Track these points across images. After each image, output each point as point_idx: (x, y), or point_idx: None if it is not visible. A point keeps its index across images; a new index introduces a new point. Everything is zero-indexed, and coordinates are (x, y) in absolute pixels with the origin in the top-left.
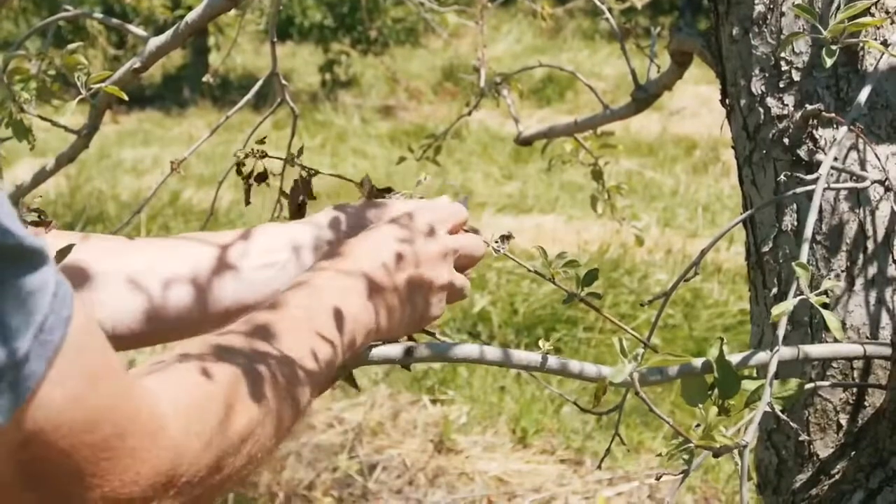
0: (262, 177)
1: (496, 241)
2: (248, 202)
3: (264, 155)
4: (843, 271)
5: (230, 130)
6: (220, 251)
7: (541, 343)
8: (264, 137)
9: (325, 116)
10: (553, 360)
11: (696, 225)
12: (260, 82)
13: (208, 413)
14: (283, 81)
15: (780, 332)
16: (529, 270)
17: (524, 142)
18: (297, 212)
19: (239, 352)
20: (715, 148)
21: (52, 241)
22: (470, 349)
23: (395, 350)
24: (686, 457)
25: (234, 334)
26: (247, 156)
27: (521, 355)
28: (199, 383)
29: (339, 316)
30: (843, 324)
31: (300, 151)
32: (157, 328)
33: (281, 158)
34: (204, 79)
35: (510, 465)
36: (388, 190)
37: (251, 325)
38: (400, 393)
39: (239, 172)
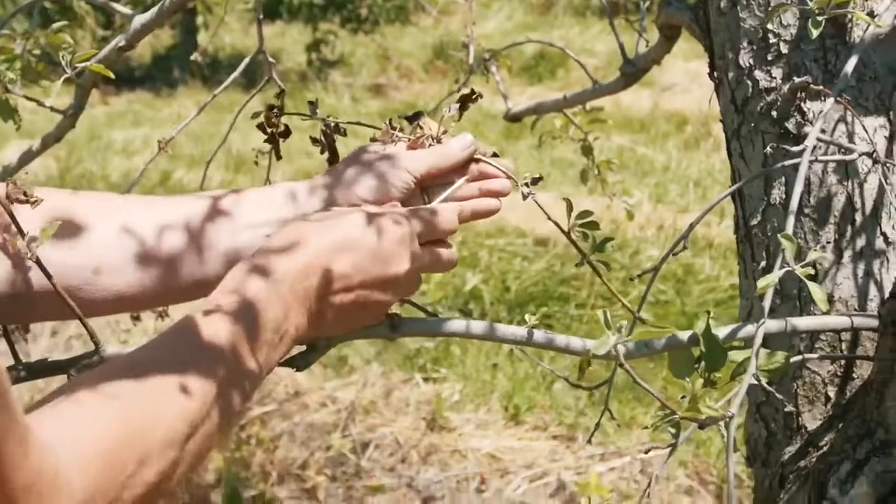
0: (287, 132)
1: (525, 184)
2: (279, 156)
3: (281, 111)
4: (831, 243)
5: (220, 110)
6: (213, 200)
7: (527, 317)
8: (257, 113)
9: (314, 96)
10: (539, 335)
11: (688, 200)
12: (246, 61)
13: (114, 466)
14: (271, 59)
15: (766, 305)
16: (548, 218)
17: (513, 118)
18: (331, 162)
19: (143, 387)
20: (706, 123)
21: (43, 195)
22: (456, 324)
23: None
24: (673, 429)
25: (137, 360)
26: (268, 109)
27: (506, 329)
28: (102, 430)
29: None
30: (831, 296)
31: (279, 95)
32: (154, 279)
33: (300, 114)
34: (192, 58)
35: (502, 441)
36: (418, 115)
37: (145, 354)
38: (392, 371)
39: (263, 130)
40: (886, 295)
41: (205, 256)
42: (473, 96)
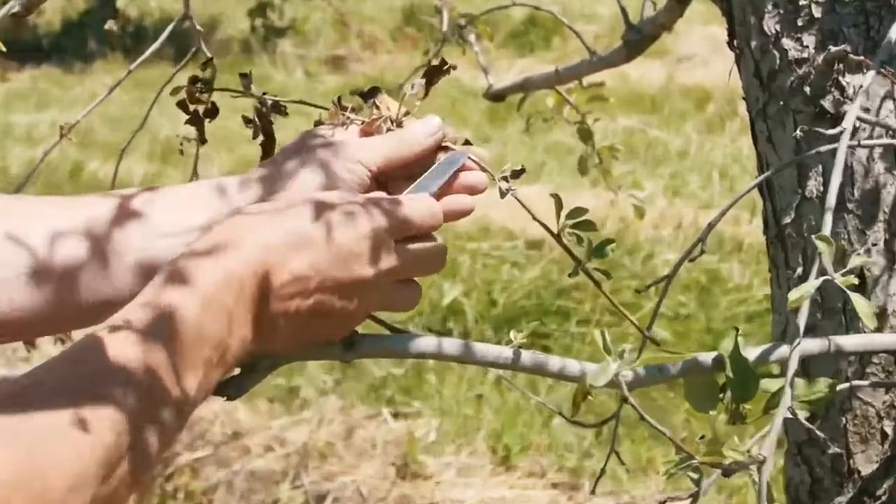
0: (213, 111)
1: (503, 177)
2: (202, 139)
3: (207, 86)
4: (880, 245)
5: (144, 88)
6: (122, 200)
7: (512, 335)
8: (178, 88)
9: (261, 70)
10: (527, 356)
11: (711, 193)
12: (170, 28)
13: None
14: (199, 28)
15: (802, 321)
16: (534, 218)
17: (495, 96)
18: (266, 151)
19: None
20: (732, 100)
21: None
22: (425, 342)
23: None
24: (694, 476)
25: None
26: (191, 83)
27: (486, 350)
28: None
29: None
30: (884, 309)
31: (205, 66)
32: (47, 298)
33: (229, 90)
34: (107, 26)
35: (491, 491)
36: (374, 92)
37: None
38: (354, 406)
39: (184, 109)
40: None
41: (112, 270)
42: (444, 68)
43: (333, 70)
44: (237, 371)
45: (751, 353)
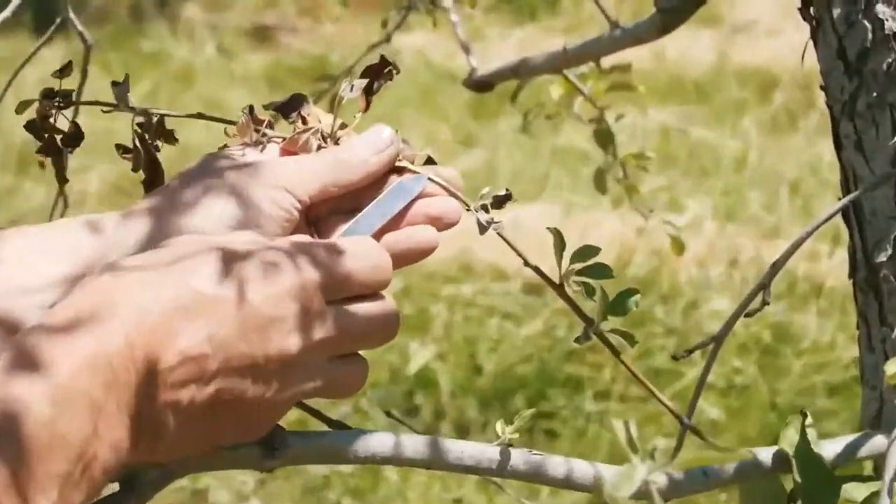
0: (75, 137)
1: (482, 206)
2: (61, 179)
3: (69, 102)
4: None
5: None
6: None
7: (499, 428)
8: (26, 103)
9: (156, 45)
10: (519, 457)
11: (778, 217)
12: None
13: None
14: None
15: None
16: (526, 263)
17: (481, 84)
18: (150, 186)
19: None
20: (808, 86)
21: None
22: (377, 441)
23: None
24: None
25: None
26: (43, 97)
27: (463, 449)
28: None
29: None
30: None
31: (62, 72)
32: None
33: (98, 104)
34: None
35: None
36: (297, 101)
37: None
38: None
39: (34, 134)
40: None
41: None
42: (386, 70)
43: (258, 45)
44: (113, 488)
45: (828, 446)
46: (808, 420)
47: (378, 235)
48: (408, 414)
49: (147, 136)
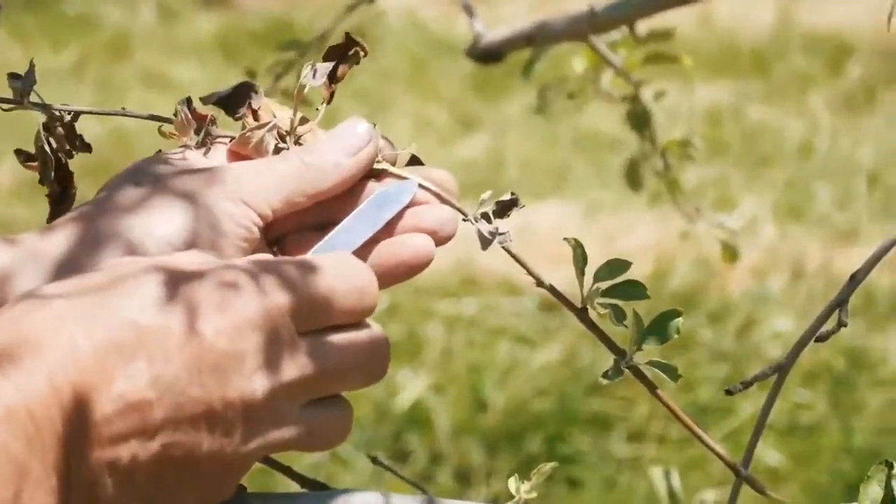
0: None
1: (482, 215)
2: None
3: None
4: None
5: None
6: None
7: (512, 485)
8: None
9: (83, 6)
10: None
11: (854, 215)
12: None
13: None
14: None
15: None
16: (539, 283)
17: (486, 55)
18: (60, 201)
19: None
20: (890, 55)
21: None
22: (360, 501)
23: None
24: None
25: None
26: None
27: None
28: None
29: None
30: None
31: None
32: None
33: None
34: None
35: None
36: (245, 89)
37: None
38: None
39: None
40: None
41: None
42: (351, 52)
43: (208, 5)
44: None
45: None
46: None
47: (359, 254)
48: (397, 459)
49: (53, 142)
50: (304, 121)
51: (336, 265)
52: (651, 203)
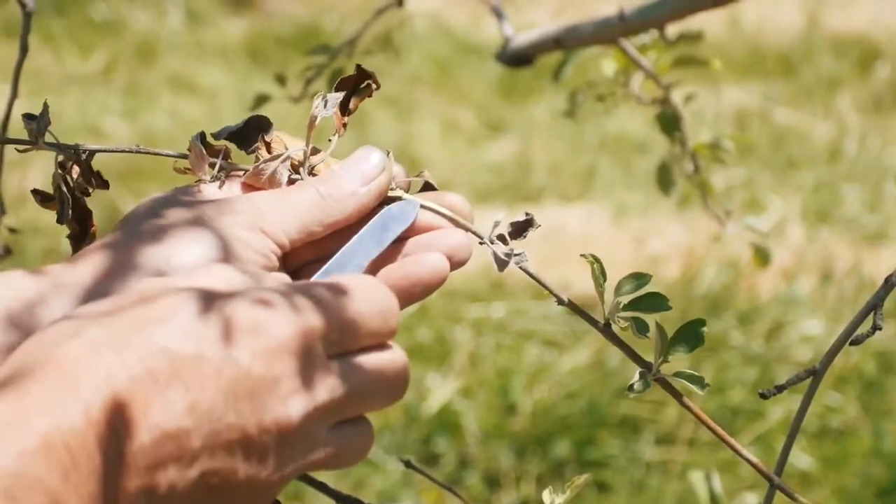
0: None
1: (498, 237)
2: None
3: None
4: None
5: None
6: None
7: (546, 498)
8: None
9: (111, 11)
10: None
11: (883, 217)
12: None
13: None
14: None
15: None
16: (558, 301)
17: (516, 58)
18: (80, 238)
19: None
20: None
21: None
22: None
23: None
24: None
25: None
26: None
27: None
28: None
29: None
30: None
31: None
32: None
33: (16, 141)
34: None
35: None
36: (258, 125)
37: None
38: None
39: None
40: None
41: None
42: (363, 84)
43: (235, 9)
44: None
45: None
46: None
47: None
48: (426, 463)
49: (70, 179)
50: (315, 151)
51: (361, 288)
52: (680, 205)
